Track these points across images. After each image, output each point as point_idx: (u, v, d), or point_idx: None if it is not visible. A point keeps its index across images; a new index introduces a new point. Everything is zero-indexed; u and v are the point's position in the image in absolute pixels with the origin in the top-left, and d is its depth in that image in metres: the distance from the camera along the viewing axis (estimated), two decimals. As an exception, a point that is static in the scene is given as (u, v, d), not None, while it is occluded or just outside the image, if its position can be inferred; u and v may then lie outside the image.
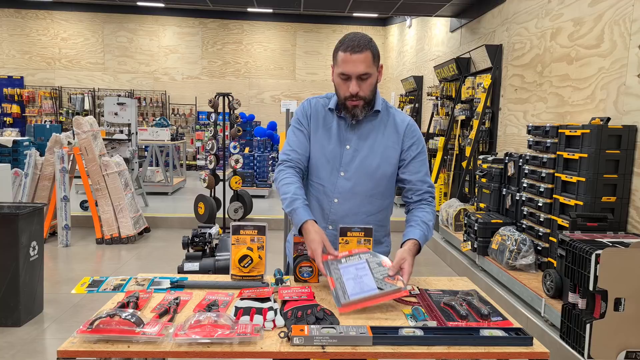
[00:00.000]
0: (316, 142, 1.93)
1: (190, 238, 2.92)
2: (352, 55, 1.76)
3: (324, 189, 1.91)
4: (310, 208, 1.85)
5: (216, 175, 6.36)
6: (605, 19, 3.93)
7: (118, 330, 1.32)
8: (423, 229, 1.82)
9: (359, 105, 1.83)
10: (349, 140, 1.90)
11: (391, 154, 1.90)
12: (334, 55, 1.85)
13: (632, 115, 3.56)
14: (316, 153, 1.92)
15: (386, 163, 1.90)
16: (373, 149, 1.89)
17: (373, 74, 1.82)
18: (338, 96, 1.87)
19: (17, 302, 3.50)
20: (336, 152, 1.90)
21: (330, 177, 1.90)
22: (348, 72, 1.78)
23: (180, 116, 13.21)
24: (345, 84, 1.81)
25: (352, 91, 1.79)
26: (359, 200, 1.89)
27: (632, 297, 2.33)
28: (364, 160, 1.88)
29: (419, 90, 9.41)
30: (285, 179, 1.85)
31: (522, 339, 1.37)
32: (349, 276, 1.61)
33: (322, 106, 1.96)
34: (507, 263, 4.13)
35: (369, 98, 1.84)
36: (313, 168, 1.93)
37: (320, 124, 1.94)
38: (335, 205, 1.90)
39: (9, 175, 5.22)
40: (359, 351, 1.32)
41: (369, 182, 1.89)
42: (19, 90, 12.57)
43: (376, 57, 1.82)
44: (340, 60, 1.79)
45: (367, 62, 1.78)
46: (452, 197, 6.62)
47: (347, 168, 1.88)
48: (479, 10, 6.68)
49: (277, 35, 13.21)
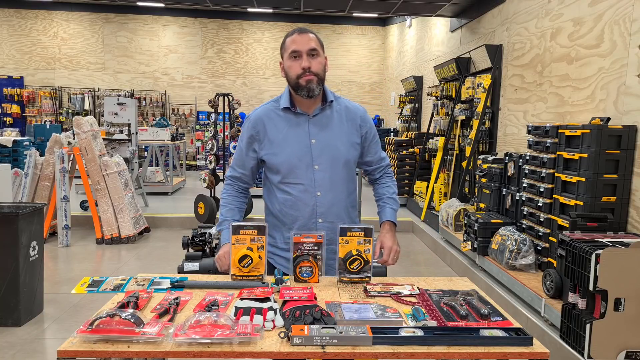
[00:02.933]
0: (281, 147, 1.97)
1: (190, 238, 2.92)
2: (300, 35, 1.92)
3: (304, 187, 1.97)
4: (296, 208, 1.98)
5: (216, 175, 6.36)
6: (605, 18, 3.93)
7: (118, 330, 1.32)
8: (392, 205, 2.12)
9: (313, 80, 1.92)
10: (312, 134, 1.98)
11: (353, 139, 2.04)
12: (281, 47, 1.98)
13: (632, 115, 3.56)
14: (286, 156, 1.97)
15: (352, 149, 2.04)
16: (337, 138, 2.01)
17: (321, 54, 1.95)
18: (291, 79, 1.95)
19: (17, 302, 3.50)
20: (305, 149, 1.97)
21: (307, 173, 1.97)
22: (298, 48, 1.90)
23: (180, 116, 13.21)
24: (297, 62, 1.92)
25: (304, 66, 1.91)
26: (338, 188, 2.01)
27: (632, 297, 2.33)
28: (332, 149, 1.99)
29: (419, 90, 9.41)
30: (222, 199, 2.12)
31: (522, 339, 1.37)
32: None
33: (273, 111, 2.03)
34: (507, 263, 4.13)
35: (321, 76, 1.95)
36: (287, 171, 1.97)
37: (278, 128, 1.99)
38: (320, 199, 1.98)
39: (9, 175, 5.22)
40: (359, 351, 1.32)
41: (342, 169, 2.01)
42: (19, 90, 12.57)
43: (321, 43, 1.97)
44: (290, 42, 1.93)
45: (314, 41, 1.93)
46: (452, 197, 6.62)
47: (320, 160, 1.97)
48: (479, 10, 6.68)
49: (277, 35, 13.20)
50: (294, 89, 1.96)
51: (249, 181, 2.13)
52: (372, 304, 1.60)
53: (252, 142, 2.03)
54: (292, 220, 2.00)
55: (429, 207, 7.08)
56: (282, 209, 2.01)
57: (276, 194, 2.03)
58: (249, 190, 2.18)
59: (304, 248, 1.84)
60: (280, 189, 2.00)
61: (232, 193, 2.12)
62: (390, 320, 1.48)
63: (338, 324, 1.41)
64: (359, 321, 1.46)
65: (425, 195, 7.36)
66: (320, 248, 1.84)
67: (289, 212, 2.00)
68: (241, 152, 2.07)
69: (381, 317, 1.49)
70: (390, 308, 1.56)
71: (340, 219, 2.00)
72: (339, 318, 1.48)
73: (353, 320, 1.47)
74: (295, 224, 1.99)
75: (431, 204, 7.12)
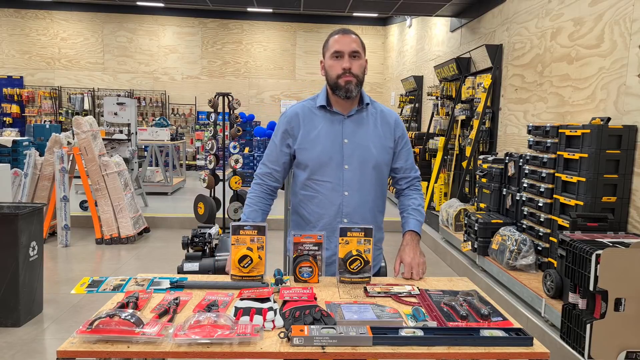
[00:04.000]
0: (314, 143, 1.98)
1: (190, 238, 2.92)
2: (343, 36, 1.95)
3: (332, 185, 1.97)
4: (322, 206, 1.97)
5: (216, 175, 6.35)
6: (605, 18, 3.92)
7: (118, 331, 1.32)
8: (416, 216, 2.06)
9: (352, 81, 1.93)
10: (346, 134, 1.98)
11: (386, 143, 2.03)
12: (324, 46, 2.01)
13: (633, 115, 3.55)
14: (317, 153, 1.97)
15: (384, 152, 2.02)
16: (369, 140, 2.00)
17: (362, 57, 1.97)
18: (330, 78, 1.96)
19: (16, 302, 3.49)
20: (336, 148, 1.97)
21: (336, 172, 1.96)
22: (341, 49, 1.92)
23: (180, 116, 13.20)
24: (338, 62, 1.93)
25: (345, 66, 1.92)
26: (366, 189, 1.99)
27: (633, 298, 2.33)
28: (364, 151, 1.98)
29: (419, 90, 9.40)
30: (248, 199, 2.08)
31: (522, 339, 1.37)
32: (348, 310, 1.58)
33: (309, 109, 2.04)
34: (508, 263, 4.13)
35: (361, 78, 1.97)
36: (316, 168, 1.97)
37: (313, 124, 2.00)
38: (347, 198, 1.97)
39: (8, 175, 5.22)
40: (359, 351, 1.32)
41: (372, 171, 1.99)
42: (18, 90, 12.57)
43: (363, 45, 1.99)
44: (333, 42, 1.96)
45: (357, 43, 1.95)
46: (452, 197, 6.62)
47: (350, 160, 1.97)
48: (479, 10, 6.68)
49: (277, 35, 13.21)
50: (332, 88, 1.97)
51: (280, 178, 2.09)
52: (372, 304, 1.60)
53: (286, 137, 2.03)
54: (317, 218, 2.00)
55: (429, 207, 7.08)
56: (308, 207, 2.01)
57: (302, 192, 2.02)
58: (276, 193, 2.13)
59: (304, 248, 1.83)
60: (308, 186, 2.00)
61: (259, 194, 2.08)
62: (390, 320, 1.48)
63: (338, 325, 1.41)
64: (359, 321, 1.46)
65: (426, 195, 7.36)
66: (320, 248, 1.84)
67: (315, 209, 2.00)
68: (275, 147, 2.06)
69: (381, 317, 1.49)
70: (390, 308, 1.56)
71: (366, 220, 1.97)
72: (339, 318, 1.48)
73: (353, 321, 1.46)
74: (320, 222, 1.99)
75: (431, 204, 7.11)
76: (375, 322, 1.45)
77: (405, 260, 1.95)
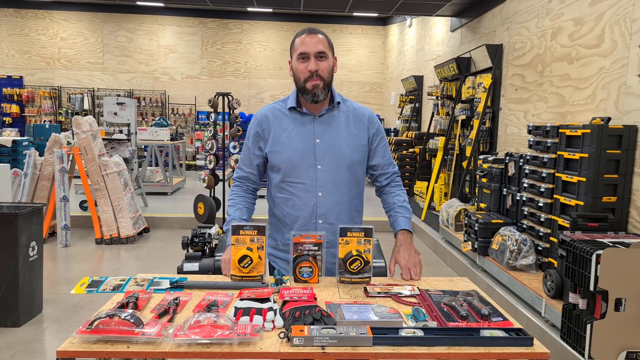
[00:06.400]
0: (285, 145, 1.96)
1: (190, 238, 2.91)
2: (308, 36, 1.91)
3: (305, 186, 1.96)
4: (297, 208, 1.96)
5: (216, 175, 6.35)
6: (605, 18, 3.92)
7: (117, 331, 1.31)
8: (404, 214, 2.04)
9: (319, 85, 1.91)
10: (317, 134, 1.97)
11: (359, 141, 2.00)
12: (291, 47, 1.98)
13: (633, 115, 3.55)
14: (288, 155, 1.96)
15: (357, 151, 2.00)
16: (342, 139, 1.98)
17: (329, 57, 1.94)
18: (298, 82, 1.94)
19: (16, 302, 3.49)
20: (308, 148, 1.95)
21: (309, 172, 1.95)
22: (306, 50, 1.89)
23: (179, 116, 13.20)
24: (304, 64, 1.91)
25: (311, 69, 1.89)
26: (340, 189, 1.98)
27: (633, 298, 2.33)
28: (336, 150, 1.96)
29: (419, 90, 9.40)
30: (230, 200, 2.07)
31: (522, 340, 1.37)
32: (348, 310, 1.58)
33: (279, 110, 2.02)
34: (508, 263, 4.13)
35: (328, 80, 1.93)
36: (289, 169, 1.96)
37: (283, 126, 1.98)
38: (320, 199, 1.96)
39: (8, 175, 5.22)
40: (359, 352, 1.31)
41: (345, 170, 1.98)
42: (18, 90, 12.56)
43: (330, 44, 1.96)
44: (298, 44, 1.92)
45: (323, 43, 1.91)
46: (452, 197, 6.61)
47: (323, 161, 1.95)
48: (479, 9, 6.68)
49: (277, 34, 13.20)
50: (300, 92, 1.96)
51: (257, 181, 2.10)
52: (372, 304, 1.60)
53: (257, 140, 2.02)
54: (292, 220, 1.99)
55: (430, 207, 7.08)
56: (283, 209, 2.01)
57: (277, 194, 2.02)
58: (257, 193, 2.14)
59: (304, 248, 1.83)
60: (281, 188, 2.00)
61: (240, 193, 2.08)
62: (391, 320, 1.47)
63: (338, 325, 1.41)
64: (359, 322, 1.45)
65: (426, 195, 7.36)
66: (320, 248, 1.84)
67: (289, 211, 1.99)
68: (248, 150, 2.06)
69: (381, 317, 1.49)
70: (390, 308, 1.55)
71: (342, 221, 1.97)
72: (339, 318, 1.48)
73: (353, 321, 1.46)
74: (295, 224, 1.98)
75: (431, 204, 7.11)
76: (376, 323, 1.45)
77: (401, 263, 1.93)
